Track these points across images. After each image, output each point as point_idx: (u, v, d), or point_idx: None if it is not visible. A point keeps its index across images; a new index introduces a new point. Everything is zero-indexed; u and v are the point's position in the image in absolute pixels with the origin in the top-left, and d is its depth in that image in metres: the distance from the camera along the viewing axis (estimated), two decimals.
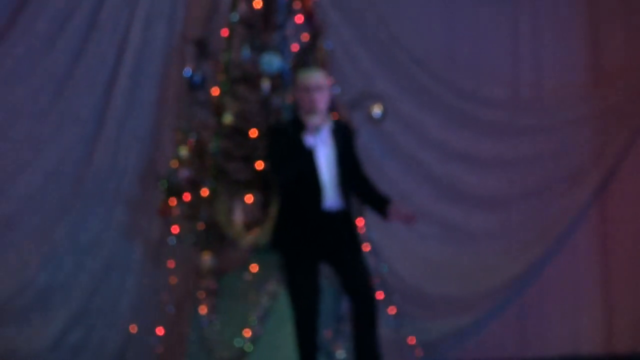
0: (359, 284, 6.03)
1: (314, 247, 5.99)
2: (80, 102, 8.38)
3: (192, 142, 7.89)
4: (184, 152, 7.88)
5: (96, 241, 8.34)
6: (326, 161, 6.02)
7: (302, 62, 7.89)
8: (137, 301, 8.36)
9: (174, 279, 8.02)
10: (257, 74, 7.83)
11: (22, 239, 8.24)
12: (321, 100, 6.01)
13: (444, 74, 9.15)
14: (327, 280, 6.37)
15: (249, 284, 7.59)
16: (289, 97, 7.73)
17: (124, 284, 8.38)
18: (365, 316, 6.01)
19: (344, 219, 6.05)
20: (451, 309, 9.01)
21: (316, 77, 6.08)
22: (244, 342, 7.49)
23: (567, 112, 9.27)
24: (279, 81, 7.84)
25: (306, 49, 7.98)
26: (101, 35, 8.38)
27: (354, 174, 6.18)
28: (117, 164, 8.40)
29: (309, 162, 5.95)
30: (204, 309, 7.60)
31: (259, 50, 7.88)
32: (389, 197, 6.23)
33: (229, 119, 7.81)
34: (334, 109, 7.64)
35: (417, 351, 8.51)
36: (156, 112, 8.52)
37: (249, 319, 7.50)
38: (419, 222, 8.76)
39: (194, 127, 7.99)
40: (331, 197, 6.00)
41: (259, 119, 7.87)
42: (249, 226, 7.69)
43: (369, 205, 6.29)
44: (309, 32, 8.03)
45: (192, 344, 7.71)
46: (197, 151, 7.89)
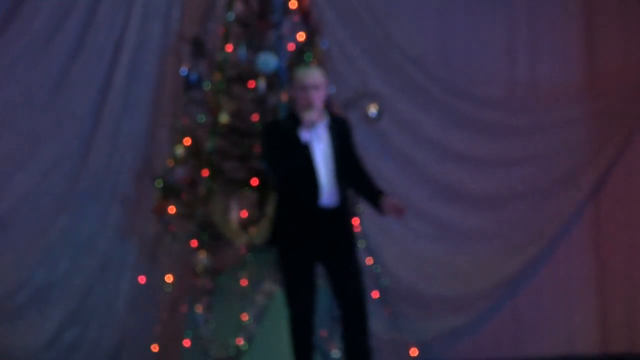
0: (350, 293, 6.02)
1: (311, 245, 5.99)
2: (76, 100, 8.38)
3: (188, 141, 7.90)
4: (180, 151, 7.88)
5: (92, 240, 8.34)
6: (322, 157, 6.02)
7: (298, 62, 7.89)
8: (133, 300, 8.35)
9: (169, 278, 8.02)
10: (253, 73, 7.84)
11: (17, 238, 8.23)
12: (318, 98, 6.02)
13: (439, 73, 9.16)
14: (323, 279, 6.37)
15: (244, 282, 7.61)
16: (284, 96, 7.73)
17: (119, 282, 8.38)
18: (354, 324, 6.01)
19: (340, 216, 6.05)
20: (446, 309, 9.01)
21: (313, 75, 6.09)
22: (240, 341, 7.49)
23: (563, 112, 9.28)
24: (275, 80, 7.84)
25: (302, 48, 7.99)
26: (97, 34, 8.39)
27: (352, 168, 6.18)
28: (113, 162, 8.40)
29: (305, 158, 5.95)
30: (200, 308, 7.60)
31: (255, 49, 7.88)
32: (383, 191, 6.21)
33: (224, 118, 7.82)
34: (330, 109, 7.65)
35: (412, 351, 8.51)
36: (152, 111, 8.52)
37: (245, 318, 7.50)
38: (414, 221, 8.94)
39: (189, 126, 8.00)
40: (328, 193, 6.00)
41: (255, 118, 7.89)
42: (245, 225, 7.69)
43: (365, 198, 6.28)
44: (305, 31, 8.04)
45: (187, 342, 7.72)
46: (193, 150, 7.89)
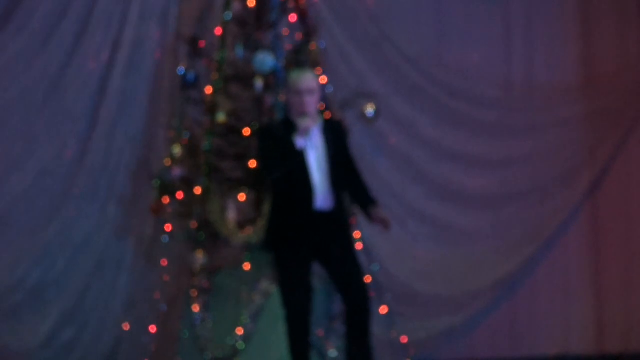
0: (352, 284, 6.03)
1: (306, 247, 5.99)
2: (73, 100, 8.37)
3: (185, 141, 7.90)
4: (177, 151, 7.88)
5: (89, 239, 8.33)
6: (317, 161, 6.01)
7: (295, 61, 7.89)
8: (130, 299, 8.35)
9: (166, 277, 8.02)
10: (251, 73, 7.84)
11: (14, 237, 8.22)
12: (312, 103, 6.00)
13: (436, 73, 9.16)
14: (319, 279, 6.37)
15: (241, 282, 7.60)
16: (281, 96, 7.74)
17: (116, 282, 8.37)
18: (358, 316, 6.01)
19: (335, 219, 6.05)
20: (442, 308, 9.02)
21: (308, 80, 6.05)
22: (237, 340, 7.49)
23: (559, 112, 9.29)
24: (272, 80, 7.84)
25: (299, 48, 7.99)
26: (94, 33, 8.37)
27: (346, 171, 6.18)
28: (110, 162, 8.39)
29: (299, 163, 5.95)
30: (197, 307, 7.60)
31: (252, 49, 7.89)
32: (375, 200, 6.21)
33: (222, 117, 7.82)
34: (327, 109, 7.66)
35: (408, 350, 8.51)
36: (149, 110, 8.51)
37: (242, 317, 7.50)
38: (410, 221, 8.94)
39: (187, 125, 8.00)
40: (322, 197, 6.00)
41: (252, 117, 7.88)
42: (242, 224, 7.69)
43: (356, 204, 6.28)
44: (303, 31, 8.05)
45: (184, 342, 7.71)
46: (190, 149, 7.89)
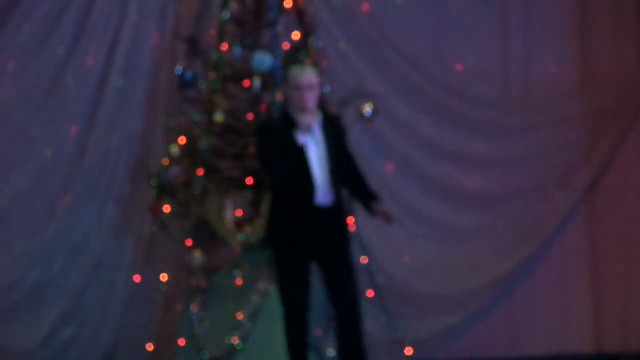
0: (344, 292, 6.03)
1: (306, 244, 6.00)
2: (71, 100, 8.38)
3: (183, 140, 7.90)
4: (175, 150, 7.89)
5: (87, 239, 8.34)
6: (317, 157, 6.01)
7: (293, 61, 7.90)
8: (128, 299, 8.35)
9: (164, 277, 8.03)
10: (248, 73, 7.84)
11: (13, 237, 8.24)
12: (312, 99, 6.01)
13: (434, 72, 9.16)
14: (317, 278, 6.37)
15: (239, 282, 7.62)
16: (279, 96, 7.74)
17: (114, 281, 8.39)
18: (348, 323, 6.01)
19: (335, 215, 6.05)
20: (441, 308, 9.02)
21: (308, 75, 6.06)
22: (235, 340, 7.50)
23: (557, 112, 9.29)
24: (270, 79, 7.85)
25: (297, 47, 8.00)
26: (92, 33, 8.39)
27: (345, 167, 6.19)
28: (108, 161, 8.40)
29: (300, 159, 5.96)
30: (195, 307, 7.61)
31: (250, 48, 7.89)
32: (376, 194, 6.23)
33: (220, 117, 7.82)
34: (325, 108, 7.66)
35: (406, 350, 8.52)
36: (147, 110, 8.52)
37: (240, 316, 7.51)
38: (408, 220, 8.94)
39: (185, 125, 8.00)
40: (323, 192, 6.01)
41: (250, 117, 7.90)
42: (240, 224, 7.70)
43: (358, 199, 6.29)
44: (300, 30, 8.05)
45: (182, 341, 7.72)
46: (188, 149, 7.90)
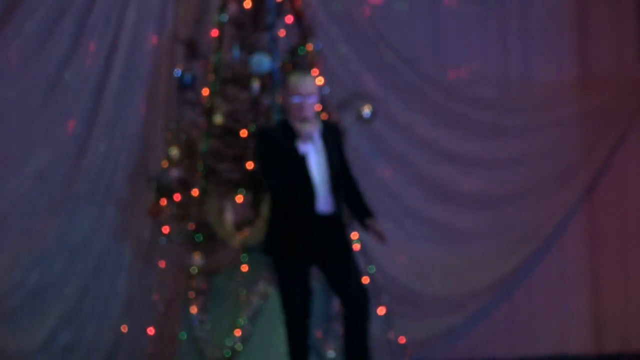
0: (351, 286, 6.02)
1: (306, 252, 5.98)
2: (70, 103, 8.38)
3: (182, 142, 7.91)
4: (174, 153, 7.89)
5: (87, 241, 8.34)
6: (317, 165, 5.98)
7: (291, 63, 7.90)
8: (128, 301, 8.35)
9: (164, 279, 8.03)
10: (247, 74, 7.85)
11: (12, 240, 8.24)
12: (311, 107, 5.97)
13: (432, 73, 9.17)
14: (317, 281, 6.37)
15: (239, 283, 7.61)
16: (278, 98, 7.74)
17: (114, 284, 8.39)
18: (357, 317, 6.01)
19: (335, 223, 6.04)
20: (440, 309, 9.02)
21: (307, 83, 5.99)
22: (235, 342, 7.50)
23: (556, 112, 9.29)
24: (268, 81, 7.85)
25: (296, 49, 8.00)
26: (91, 35, 8.39)
27: (342, 176, 6.17)
28: (108, 164, 8.40)
29: (301, 167, 5.94)
30: (195, 309, 7.61)
31: (248, 50, 7.90)
32: (371, 211, 6.21)
33: (219, 119, 7.83)
34: (324, 110, 7.67)
35: (406, 351, 8.52)
36: (146, 112, 8.52)
37: (240, 318, 7.51)
38: (408, 221, 8.95)
39: (184, 127, 8.01)
40: (323, 200, 5.99)
41: (249, 119, 7.90)
42: (240, 226, 7.70)
43: (352, 213, 6.26)
44: (299, 32, 8.06)
45: (182, 344, 7.72)
46: (187, 151, 7.90)
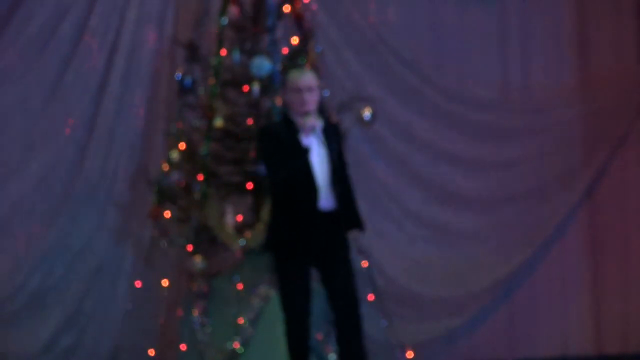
0: (343, 297, 6.03)
1: (307, 249, 6.00)
2: (71, 106, 8.38)
3: (183, 146, 7.91)
4: (175, 156, 7.89)
5: (87, 244, 8.35)
6: (319, 161, 6.02)
7: (292, 65, 7.91)
8: (129, 304, 8.35)
9: (165, 282, 8.03)
10: (247, 77, 7.85)
11: (13, 243, 8.25)
12: (312, 101, 6.03)
13: (432, 75, 9.18)
14: (318, 282, 6.38)
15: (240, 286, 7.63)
16: (278, 100, 7.75)
17: (115, 287, 8.40)
18: (348, 327, 6.02)
19: (336, 220, 6.06)
20: (441, 311, 9.02)
21: (307, 77, 6.10)
22: (236, 345, 7.50)
23: (556, 114, 9.30)
24: (269, 84, 7.86)
25: (296, 52, 8.01)
26: (91, 39, 8.39)
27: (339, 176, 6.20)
28: (108, 167, 8.41)
29: (304, 161, 5.96)
30: (196, 312, 7.61)
31: (249, 53, 7.90)
32: (360, 220, 6.20)
33: (219, 122, 7.83)
34: (324, 112, 7.67)
35: (407, 353, 8.52)
36: (147, 115, 8.53)
37: (241, 321, 7.51)
38: (408, 223, 8.97)
39: (184, 130, 8.01)
40: (325, 197, 6.01)
41: (249, 121, 7.91)
42: (241, 229, 7.70)
43: (342, 217, 6.25)
44: (299, 35, 8.06)
45: (184, 347, 7.72)
46: (188, 154, 7.90)
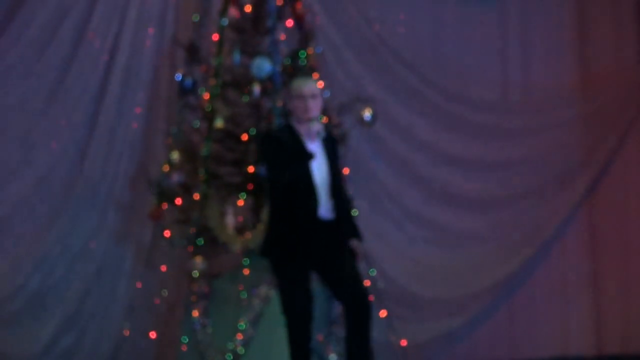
0: (352, 288, 6.04)
1: (306, 256, 6.00)
2: (71, 107, 8.38)
3: (183, 147, 7.91)
4: (175, 157, 7.90)
5: (88, 245, 8.34)
6: (319, 170, 6.04)
7: (292, 67, 7.91)
8: (129, 305, 8.35)
9: (166, 283, 8.03)
10: (248, 79, 7.86)
11: (13, 244, 8.24)
12: (315, 108, 6.06)
13: (432, 76, 9.18)
14: (318, 284, 6.38)
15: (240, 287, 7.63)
16: (279, 101, 7.75)
17: (115, 288, 8.39)
18: (359, 319, 6.02)
19: (336, 229, 6.06)
20: (441, 311, 9.04)
21: (310, 85, 6.12)
22: (236, 345, 7.50)
23: (556, 114, 9.31)
24: (269, 85, 7.86)
25: (296, 53, 8.01)
26: (92, 40, 8.39)
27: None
28: (109, 168, 8.41)
29: (306, 167, 5.98)
30: (197, 313, 7.62)
31: (249, 54, 7.91)
32: (357, 230, 6.21)
33: (219, 123, 7.83)
34: (325, 113, 7.67)
35: (408, 353, 8.52)
36: (147, 116, 8.53)
37: (241, 322, 7.52)
38: (409, 224, 8.98)
39: (185, 131, 8.01)
40: (324, 206, 6.02)
41: (250, 123, 7.90)
42: (241, 230, 7.71)
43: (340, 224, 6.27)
44: (299, 36, 8.07)
45: (184, 347, 7.72)
46: (188, 155, 7.91)
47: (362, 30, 8.96)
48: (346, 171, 7.91)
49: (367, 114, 7.97)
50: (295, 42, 8.09)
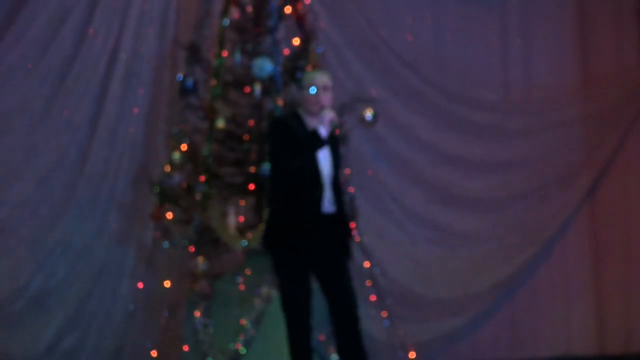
0: (343, 299, 6.06)
1: (308, 250, 6.01)
2: (72, 107, 8.39)
3: (184, 147, 7.91)
4: (177, 157, 7.89)
5: (89, 246, 8.35)
6: (324, 161, 6.08)
7: (293, 67, 7.92)
8: (131, 306, 8.35)
9: (167, 283, 8.03)
10: (249, 79, 7.86)
11: (15, 245, 8.24)
12: (327, 99, 6.10)
13: (434, 77, 9.19)
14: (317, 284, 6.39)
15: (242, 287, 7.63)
16: (280, 101, 7.75)
17: (117, 288, 8.40)
18: (347, 323, 6.05)
19: (338, 222, 6.09)
20: (443, 311, 9.04)
21: (323, 77, 6.18)
22: (238, 345, 7.50)
23: (557, 114, 9.32)
24: (270, 85, 7.86)
25: (297, 53, 8.01)
26: (93, 41, 8.40)
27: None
28: (110, 169, 8.42)
29: (314, 156, 6.01)
30: (198, 313, 7.61)
31: (250, 54, 7.91)
32: (349, 232, 6.23)
33: (221, 123, 7.83)
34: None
35: (409, 353, 8.52)
36: (148, 117, 8.53)
37: (243, 322, 7.52)
38: (410, 224, 8.98)
39: (186, 131, 8.01)
40: (328, 200, 6.04)
41: (251, 123, 7.91)
42: (243, 230, 7.71)
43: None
44: (300, 36, 8.07)
45: (186, 347, 7.73)
46: (189, 156, 7.90)
47: (363, 30, 8.97)
48: (347, 171, 7.91)
49: (369, 114, 7.94)
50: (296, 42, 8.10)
